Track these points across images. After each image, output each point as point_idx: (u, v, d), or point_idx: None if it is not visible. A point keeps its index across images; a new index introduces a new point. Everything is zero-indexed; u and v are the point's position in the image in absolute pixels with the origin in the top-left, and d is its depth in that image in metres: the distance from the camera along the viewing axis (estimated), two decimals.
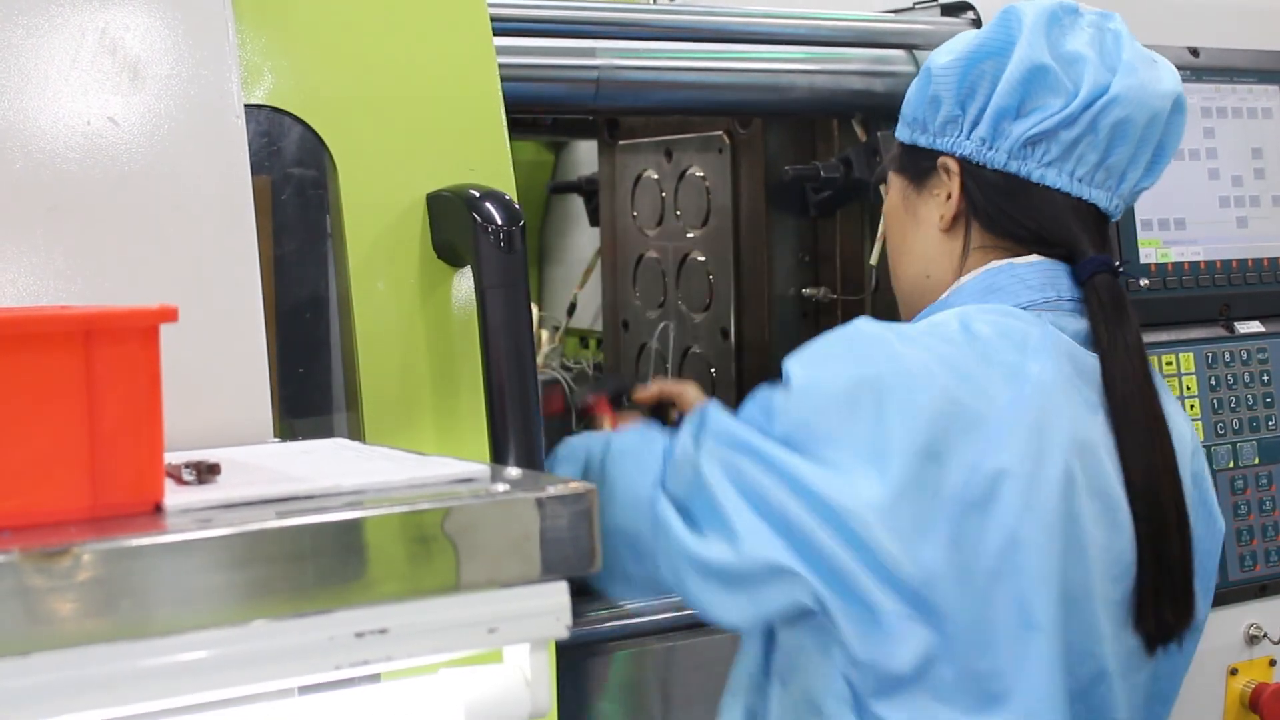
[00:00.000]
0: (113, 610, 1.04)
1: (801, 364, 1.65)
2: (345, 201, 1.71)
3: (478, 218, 1.66)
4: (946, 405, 1.59)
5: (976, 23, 2.46)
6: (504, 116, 1.80)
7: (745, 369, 2.63)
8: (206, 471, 1.21)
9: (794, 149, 2.63)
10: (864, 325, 1.68)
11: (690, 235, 2.68)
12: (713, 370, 2.66)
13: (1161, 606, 1.69)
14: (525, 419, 1.64)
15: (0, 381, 1.07)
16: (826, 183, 2.54)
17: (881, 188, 2.00)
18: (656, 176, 2.73)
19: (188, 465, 1.21)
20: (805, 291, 2.64)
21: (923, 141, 1.83)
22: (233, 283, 1.55)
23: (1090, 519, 1.64)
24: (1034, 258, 1.77)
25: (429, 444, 1.69)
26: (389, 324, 1.71)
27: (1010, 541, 1.58)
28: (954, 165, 1.80)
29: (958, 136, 1.80)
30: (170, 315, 1.13)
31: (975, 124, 1.79)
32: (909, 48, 2.46)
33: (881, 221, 2.04)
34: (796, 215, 2.64)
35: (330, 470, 1.29)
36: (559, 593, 1.20)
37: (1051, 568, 1.60)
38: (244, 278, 1.56)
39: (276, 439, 1.54)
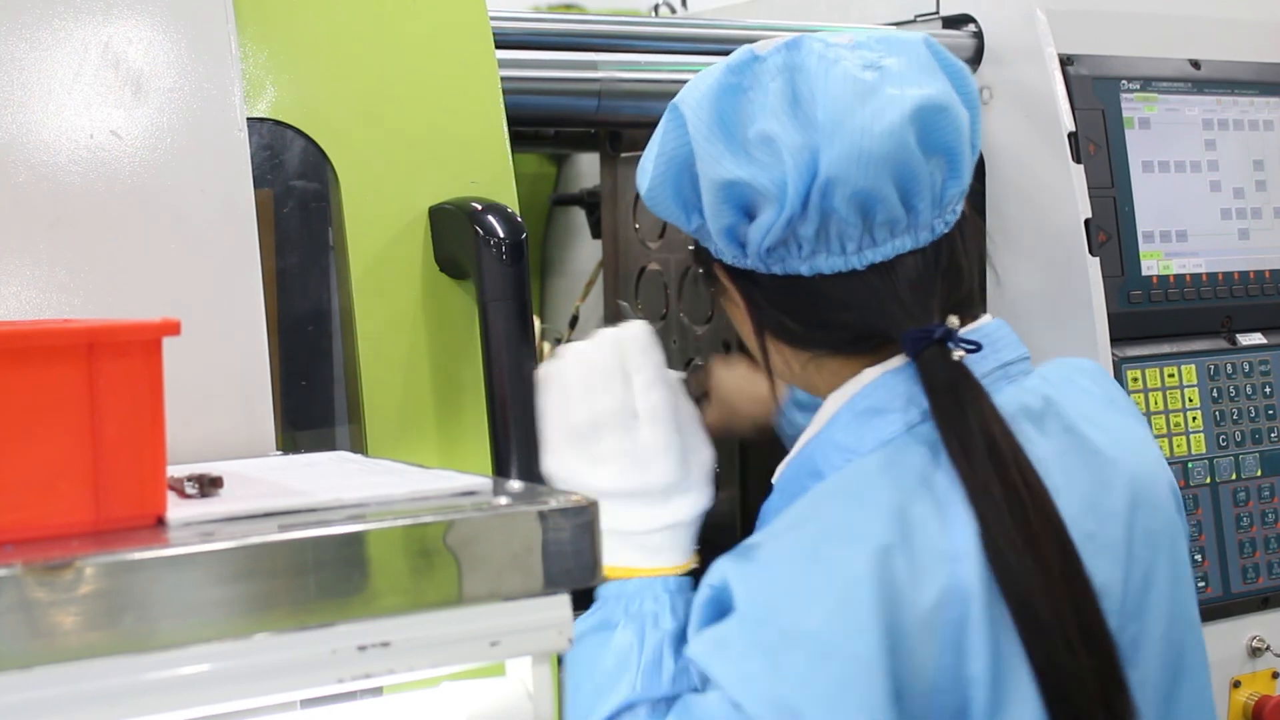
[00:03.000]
0: (115, 624, 1.04)
1: None
2: (348, 214, 1.71)
3: (480, 230, 1.65)
4: None
5: (978, 35, 2.46)
6: (506, 129, 1.80)
7: None
8: (209, 484, 1.21)
9: None
10: None
11: (692, 248, 2.69)
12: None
13: None
14: (527, 431, 1.63)
15: (2, 395, 1.07)
16: None
17: None
18: None
19: (190, 478, 1.21)
20: None
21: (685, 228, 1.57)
22: (235, 295, 1.55)
23: None
24: (864, 368, 1.51)
25: (431, 456, 1.70)
26: (391, 337, 1.71)
27: None
28: (721, 272, 1.57)
29: (706, 238, 1.55)
30: (173, 328, 1.13)
31: (706, 234, 1.54)
32: None
33: None
34: None
35: (332, 483, 1.29)
36: (561, 606, 1.20)
37: None
38: (246, 290, 1.56)
39: (279, 452, 1.54)
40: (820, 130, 1.43)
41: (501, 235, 1.65)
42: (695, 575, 1.54)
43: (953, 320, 1.48)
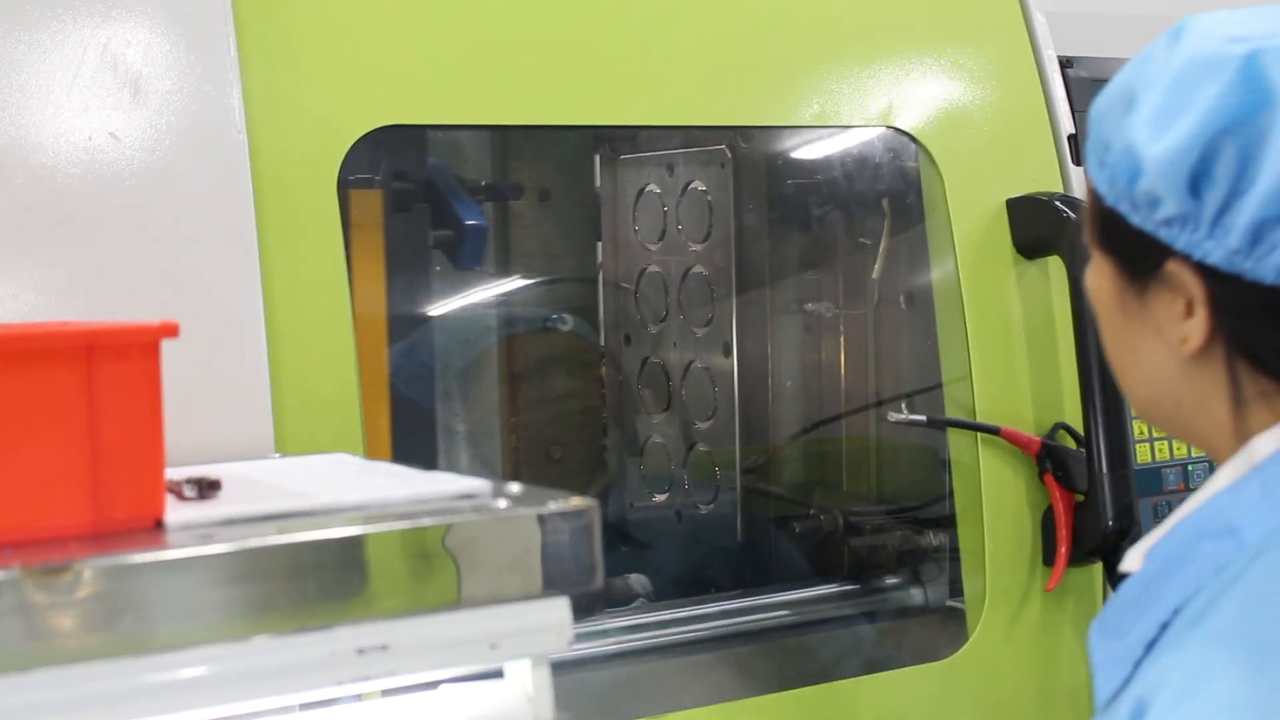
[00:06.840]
0: (114, 626, 1.04)
1: None
2: (951, 205, 2.08)
3: (1074, 215, 2.02)
4: None
5: None
6: (1050, 128, 2.19)
7: (746, 383, 2.62)
8: (207, 487, 1.21)
9: (796, 162, 2.63)
10: None
11: (693, 249, 2.68)
12: (715, 386, 2.66)
13: None
14: (1110, 387, 1.99)
15: (1, 397, 1.07)
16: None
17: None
18: (659, 190, 2.73)
19: (189, 481, 1.21)
20: (807, 306, 2.64)
21: (1136, 221, 1.24)
22: (234, 297, 1.55)
23: None
24: None
25: (1026, 405, 2.09)
26: (993, 309, 2.10)
27: None
28: (1192, 278, 1.21)
29: (1193, 234, 1.21)
30: (171, 331, 1.13)
31: (1221, 224, 1.20)
32: None
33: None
34: (799, 229, 2.64)
35: (331, 486, 1.29)
36: (561, 608, 1.20)
37: None
38: (246, 292, 1.56)
39: (278, 454, 1.54)
40: None
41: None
42: None
43: None
